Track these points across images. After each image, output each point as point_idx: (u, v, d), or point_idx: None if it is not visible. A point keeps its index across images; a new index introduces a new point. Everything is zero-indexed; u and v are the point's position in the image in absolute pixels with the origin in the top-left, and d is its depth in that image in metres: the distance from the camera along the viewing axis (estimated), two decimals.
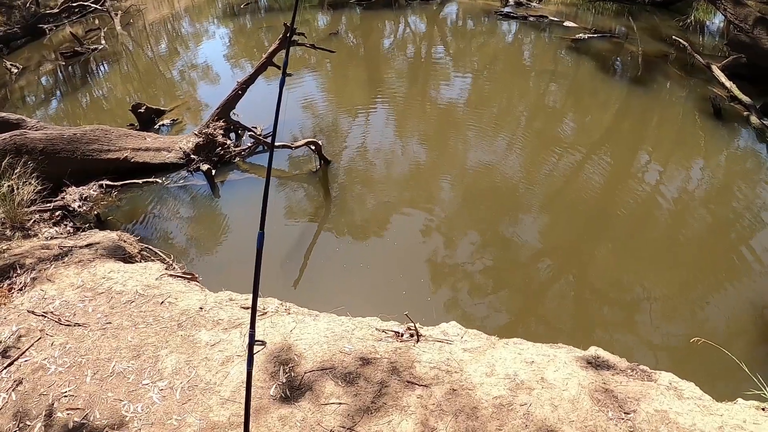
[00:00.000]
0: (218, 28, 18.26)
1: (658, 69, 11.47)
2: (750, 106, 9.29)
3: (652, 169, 8.24)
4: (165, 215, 7.38)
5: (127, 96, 12.23)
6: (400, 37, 15.18)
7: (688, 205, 7.41)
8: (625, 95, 10.58)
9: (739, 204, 7.45)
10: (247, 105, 9.04)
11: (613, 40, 13.19)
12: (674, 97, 10.36)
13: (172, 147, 8.33)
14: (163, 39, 17.88)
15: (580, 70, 11.77)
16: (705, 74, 10.60)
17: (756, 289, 5.91)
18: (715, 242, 6.70)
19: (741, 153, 8.80)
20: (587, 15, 15.63)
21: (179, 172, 8.09)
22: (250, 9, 18.87)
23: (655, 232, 6.86)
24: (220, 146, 8.27)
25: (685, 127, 9.42)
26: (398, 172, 8.13)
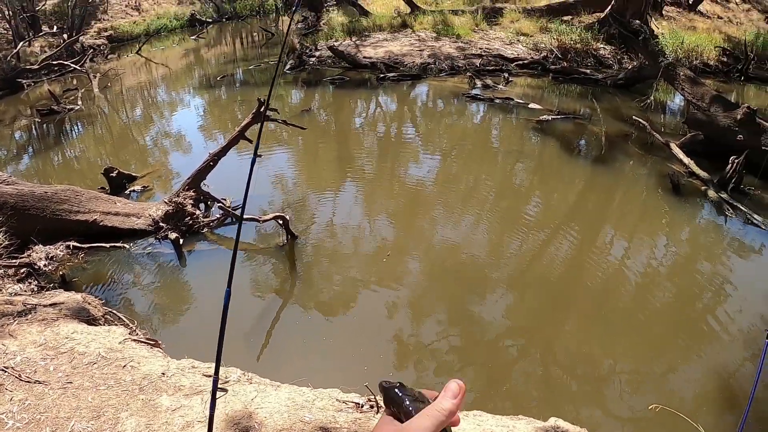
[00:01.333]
0: (193, 98, 18.52)
1: (620, 148, 11.83)
2: (708, 180, 9.64)
3: (617, 245, 8.45)
4: (130, 281, 7.38)
5: (99, 159, 12.31)
6: (371, 116, 15.51)
7: (652, 279, 7.59)
8: (589, 174, 10.87)
9: (702, 276, 7.67)
10: (218, 177, 9.13)
11: (577, 121, 13.58)
12: (636, 175, 10.68)
13: (141, 213, 8.38)
14: (139, 105, 18.07)
15: (546, 150, 12.09)
16: (664, 152, 10.97)
17: (721, 358, 6.09)
18: (681, 314, 6.87)
19: (701, 226, 9.11)
20: (552, 97, 16.10)
21: (147, 239, 8.11)
22: (225, 81, 19.15)
23: (622, 305, 7.01)
24: (189, 216, 8.32)
25: (647, 203, 9.72)
26: (365, 250, 8.23)
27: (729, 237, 8.68)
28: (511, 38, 20.75)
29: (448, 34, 20.62)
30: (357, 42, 20.46)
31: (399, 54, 18.96)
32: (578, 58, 19.21)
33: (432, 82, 17.36)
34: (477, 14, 22.43)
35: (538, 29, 21.13)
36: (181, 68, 23.76)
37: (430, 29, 21.25)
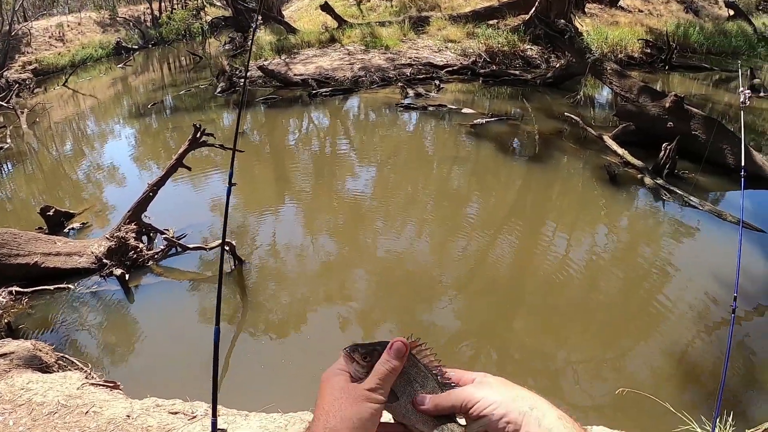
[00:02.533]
0: (124, 128, 18.11)
1: (554, 145, 12.03)
2: (642, 168, 9.87)
3: (560, 238, 8.55)
4: (79, 322, 7.10)
5: (33, 198, 11.94)
6: (305, 133, 15.42)
7: (599, 267, 7.72)
8: (526, 172, 11.01)
9: (646, 259, 7.84)
10: (158, 207, 8.97)
11: (510, 122, 13.78)
12: (572, 169, 10.87)
13: (83, 252, 8.12)
14: (69, 139, 17.62)
15: (481, 152, 12.20)
16: (598, 145, 11.20)
17: (673, 336, 6.21)
18: (630, 298, 7.00)
19: (641, 212, 9.34)
20: (483, 100, 16.32)
21: (91, 277, 7.83)
22: (155, 109, 18.85)
23: (571, 296, 7.09)
24: (132, 250, 8.07)
25: (586, 195, 9.89)
26: (311, 268, 8.13)
27: (668, 220, 8.91)
28: (440, 46, 20.99)
29: (377, 46, 20.72)
30: (287, 60, 20.41)
31: (329, 69, 18.96)
32: (506, 61, 19.57)
33: (364, 95, 17.41)
34: (404, 24, 22.60)
35: (466, 35, 21.42)
36: (110, 98, 23.36)
37: (358, 42, 21.32)
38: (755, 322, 6.48)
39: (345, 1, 29.86)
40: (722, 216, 8.33)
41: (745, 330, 6.30)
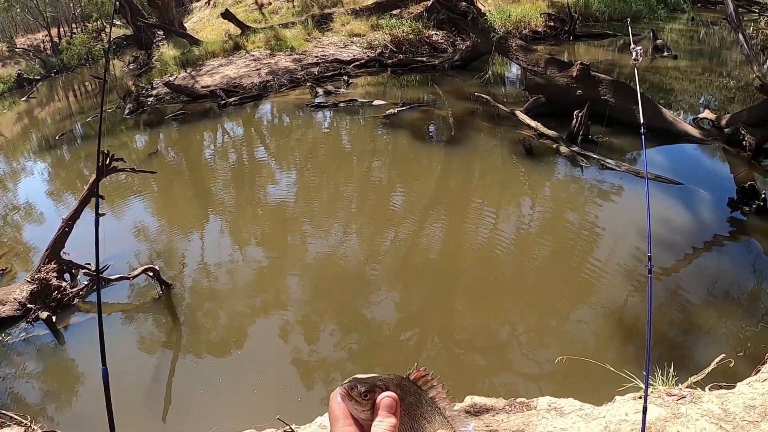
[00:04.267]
0: (36, 163, 17.55)
1: (469, 125, 12.14)
2: (557, 138, 10.09)
3: (486, 216, 8.65)
4: (12, 373, 6.81)
5: None
6: (219, 145, 15.20)
7: (527, 240, 7.84)
8: (444, 155, 11.10)
9: (572, 225, 8.04)
10: (77, 241, 8.66)
11: (423, 109, 13.88)
12: (489, 147, 11.01)
13: (5, 299, 7.76)
14: None
15: (398, 142, 12.23)
16: (512, 120, 11.37)
17: (609, 297, 6.38)
18: (561, 266, 7.14)
19: (561, 180, 9.56)
20: (394, 90, 16.40)
21: (19, 324, 7.50)
22: (65, 139, 18.27)
23: (505, 272, 7.19)
24: (56, 290, 7.79)
25: (506, 171, 10.04)
26: (243, 281, 8.01)
27: (588, 185, 9.13)
28: (345, 41, 20.96)
29: (282, 48, 20.54)
30: (192, 73, 20.07)
31: (236, 77, 18.72)
32: (413, 49, 19.65)
33: (274, 99, 17.25)
34: (308, 24, 22.49)
35: (370, 28, 21.43)
36: (17, 134, 22.63)
37: (263, 47, 21.10)
38: (683, 272, 6.68)
39: (246, 7, 29.59)
40: (639, 174, 8.54)
41: (675, 280, 6.50)
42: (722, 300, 6.23)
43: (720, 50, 19.67)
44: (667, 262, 6.79)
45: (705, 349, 5.40)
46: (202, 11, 33.48)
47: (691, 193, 8.43)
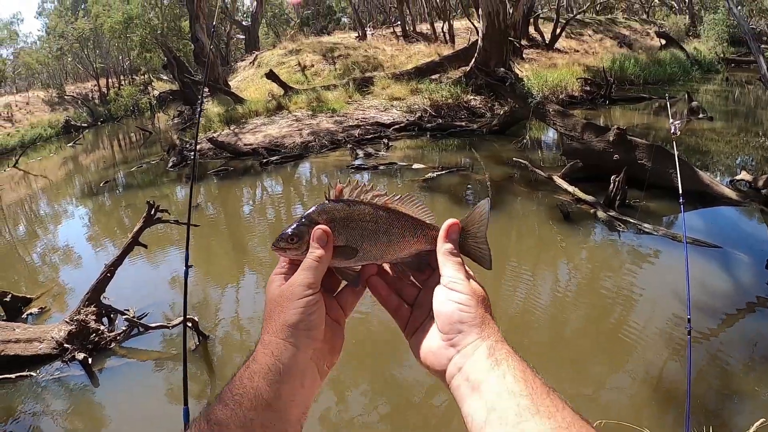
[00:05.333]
0: (77, 208, 17.94)
1: (506, 190, 12.17)
2: (594, 203, 10.07)
3: (522, 280, 8.58)
4: (43, 411, 6.85)
5: None
6: (259, 202, 15.39)
7: (563, 304, 7.77)
8: None
9: (608, 290, 7.93)
10: (117, 287, 8.79)
11: (461, 173, 13.94)
12: (526, 211, 11.01)
13: (43, 337, 7.86)
14: (22, 221, 17.48)
15: (435, 205, 12.23)
16: (549, 185, 11.38)
17: (646, 361, 6.28)
18: (598, 330, 7.05)
19: (598, 245, 9.50)
20: (433, 154, 16.49)
21: (54, 363, 7.57)
22: (108, 187, 18.73)
23: (540, 335, 7.11)
24: (93, 333, 7.86)
25: (543, 236, 10.01)
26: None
27: (625, 249, 9.07)
28: (385, 104, 21.27)
29: (324, 110, 20.91)
30: (236, 130, 20.49)
31: (279, 136, 19.04)
32: (452, 113, 19.91)
33: (315, 160, 17.48)
34: (349, 87, 22.94)
35: (410, 92, 21.77)
36: (62, 178, 23.22)
37: (305, 108, 21.50)
38: (722, 335, 6.61)
39: (290, 68, 30.23)
40: (677, 238, 8.50)
41: (714, 344, 6.41)
42: (763, 363, 6.13)
43: (755, 110, 19.71)
44: (706, 325, 6.70)
45: (745, 413, 5.30)
46: (246, 70, 34.31)
47: (729, 256, 8.35)
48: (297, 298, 1.06)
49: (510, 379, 0.94)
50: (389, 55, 30.91)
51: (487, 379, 0.96)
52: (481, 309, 1.10)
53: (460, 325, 1.06)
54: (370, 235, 1.17)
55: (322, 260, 1.11)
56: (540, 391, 0.92)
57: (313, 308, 1.07)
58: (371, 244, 1.17)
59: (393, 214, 1.20)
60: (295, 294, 1.07)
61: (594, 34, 35.45)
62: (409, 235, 1.20)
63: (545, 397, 0.92)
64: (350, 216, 1.16)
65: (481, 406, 0.94)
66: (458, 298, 1.09)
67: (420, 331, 1.17)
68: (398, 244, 1.19)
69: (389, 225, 1.19)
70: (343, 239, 1.15)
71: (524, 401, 0.90)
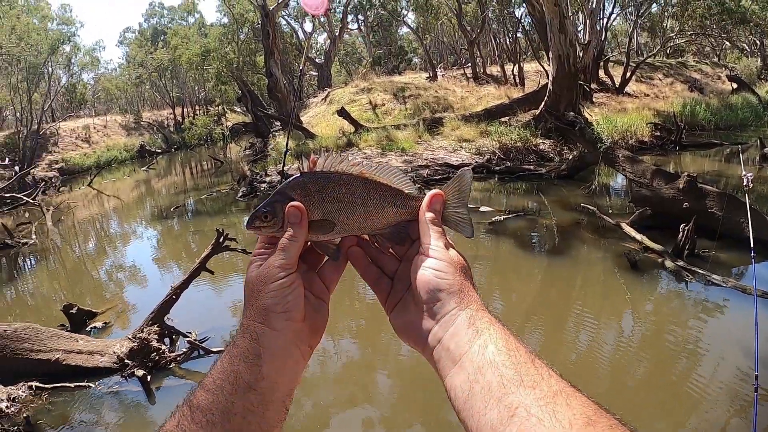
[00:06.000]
0: (146, 229, 18.56)
1: (573, 236, 12.04)
2: (663, 252, 9.81)
3: (585, 330, 8.41)
4: (98, 421, 7.04)
5: (54, 294, 12.12)
6: None
7: (626, 355, 7.57)
8: (546, 266, 10.97)
9: (673, 342, 7.69)
10: (180, 310, 8.95)
11: (528, 217, 13.79)
12: (592, 259, 10.83)
13: (105, 351, 8.09)
14: (92, 238, 18.09)
15: (501, 250, 12.19)
16: (616, 232, 11.17)
17: (710, 418, 6.08)
18: (660, 382, 6.82)
19: (664, 295, 9.24)
20: (500, 197, 16.46)
21: (112, 377, 7.77)
22: (178, 212, 19.22)
23: (600, 387, 6.94)
24: (155, 351, 8.03)
25: (608, 284, 9.79)
26: (333, 371, 8.03)
27: (693, 300, 8.82)
28: (454, 146, 21.31)
29: (394, 148, 21.05)
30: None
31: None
32: (520, 156, 19.81)
33: None
34: (419, 126, 23.03)
35: (479, 133, 21.76)
36: (133, 199, 23.96)
37: (375, 146, 21.68)
38: None
39: (361, 106, 30.61)
40: (747, 291, 8.24)
41: None
42: None
43: None
44: None
45: None
46: (318, 107, 34.85)
47: None
48: (272, 281, 1.06)
49: (492, 348, 0.93)
50: (459, 96, 31.09)
51: (469, 351, 0.95)
52: (459, 276, 1.07)
53: (438, 293, 1.05)
54: (346, 208, 1.14)
55: (295, 239, 1.09)
56: (524, 360, 0.90)
57: (288, 290, 1.06)
58: (348, 217, 1.15)
59: (370, 184, 1.17)
60: (270, 276, 1.06)
61: (664, 78, 35.02)
62: (387, 205, 1.18)
63: (529, 365, 0.90)
64: (325, 188, 1.14)
65: (464, 379, 0.93)
66: (435, 264, 1.08)
67: (400, 304, 1.17)
68: (376, 215, 1.17)
69: (366, 196, 1.16)
70: (318, 213, 1.13)
71: (508, 372, 0.88)
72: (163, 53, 50.14)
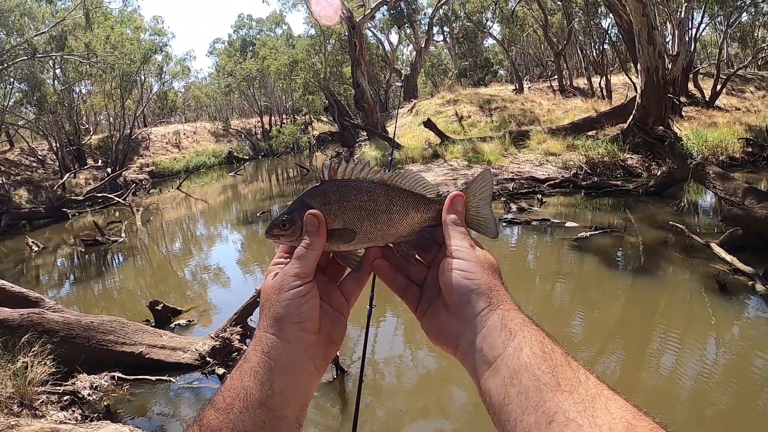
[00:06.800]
0: (231, 233, 19.16)
1: (659, 255, 11.77)
2: (753, 275, 9.45)
3: (668, 353, 8.21)
4: (175, 415, 7.24)
5: (139, 290, 12.62)
6: None
7: (709, 381, 7.34)
8: (630, 285, 10.73)
9: (760, 369, 7.43)
10: None
11: (614, 234, 13.53)
12: (679, 280, 10.56)
13: (188, 348, 8.34)
14: (179, 238, 18.82)
15: (584, 267, 12.03)
16: (705, 252, 10.83)
17: None
18: (744, 411, 6.62)
19: (752, 321, 8.89)
20: (586, 213, 16.21)
21: (193, 373, 7.98)
22: (263, 218, 19.59)
23: (679, 413, 6.78)
24: (236, 351, 8.27)
25: (694, 307, 9.52)
26: (408, 381, 8.05)
27: None
28: (540, 159, 21.13)
29: (479, 161, 21.01)
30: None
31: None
32: (607, 171, 19.50)
33: None
34: (505, 139, 22.95)
35: (566, 147, 21.49)
36: (220, 203, 24.62)
37: (461, 158, 21.66)
38: None
39: (447, 118, 30.65)
40: None
41: None
42: None
43: None
44: None
45: None
46: (404, 117, 35.01)
47: None
48: (286, 290, 1.04)
49: (527, 351, 0.91)
50: (546, 109, 30.81)
51: (503, 354, 0.93)
52: (487, 276, 1.05)
53: (467, 294, 1.03)
54: (368, 216, 1.12)
55: (312, 247, 1.07)
56: (560, 363, 0.89)
57: (302, 299, 1.04)
58: (371, 225, 1.12)
59: (392, 191, 1.14)
60: (285, 286, 1.04)
61: (756, 91, 33.84)
62: (411, 211, 1.15)
63: (566, 368, 0.88)
64: (346, 196, 1.12)
65: (499, 383, 0.91)
66: (461, 265, 1.06)
67: (431, 310, 1.12)
68: (400, 223, 1.14)
69: (389, 203, 1.13)
70: (339, 222, 1.11)
71: (544, 376, 0.87)
72: (251, 63, 51.40)
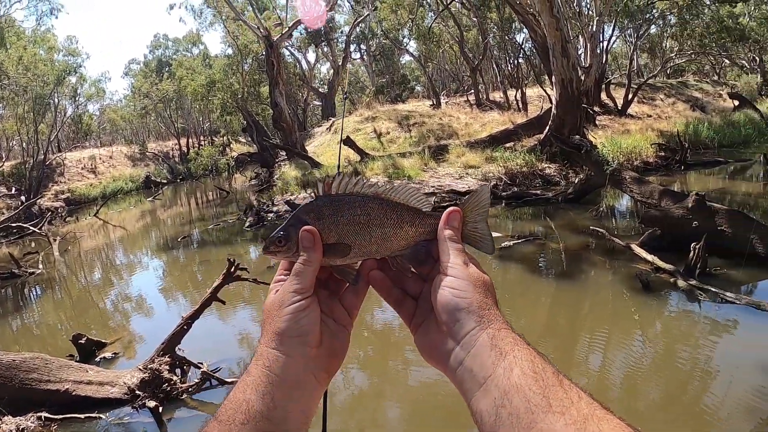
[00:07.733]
0: (152, 260, 18.67)
1: (582, 259, 12.00)
2: (674, 271, 9.73)
3: (597, 351, 8.34)
4: None
5: (60, 324, 12.11)
6: None
7: (637, 377, 7.48)
8: (555, 290, 10.89)
9: (685, 362, 7.61)
10: (191, 340, 8.89)
11: (536, 242, 13.74)
12: (602, 281, 10.78)
13: (115, 381, 8.00)
14: (98, 268, 18.18)
15: (508, 275, 12.12)
16: (626, 254, 11.09)
17: None
18: (673, 403, 6.76)
19: (675, 315, 9.16)
20: (508, 222, 16.42)
21: (123, 408, 7.64)
22: (184, 243, 19.32)
23: (614, 408, 6.81)
24: (166, 382, 7.92)
25: (618, 307, 9.73)
26: (341, 401, 7.88)
27: (705, 319, 8.71)
28: (460, 172, 21.36)
29: (400, 176, 21.05)
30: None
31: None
32: (526, 181, 19.92)
33: None
34: (424, 154, 23.10)
35: (484, 160, 21.85)
36: (139, 230, 24.19)
37: (382, 174, 21.70)
38: None
39: (365, 135, 30.80)
40: (761, 306, 8.19)
41: None
42: None
43: None
44: None
45: None
46: (323, 136, 35.14)
47: None
48: (287, 305, 1.06)
49: (518, 372, 0.90)
50: (463, 123, 31.27)
51: (494, 374, 0.92)
52: (479, 294, 1.05)
53: (457, 312, 1.02)
54: (363, 230, 1.12)
55: (309, 263, 1.08)
56: (552, 383, 0.89)
57: (302, 314, 1.05)
58: (365, 239, 1.13)
59: (386, 205, 1.14)
60: (285, 301, 1.06)
61: (666, 98, 35.46)
62: (405, 225, 1.15)
63: (558, 388, 0.88)
64: (339, 211, 1.12)
65: (489, 404, 0.90)
66: (453, 282, 1.05)
67: (424, 325, 1.12)
68: (395, 236, 1.14)
69: (383, 217, 1.13)
70: (334, 236, 1.12)
71: (535, 397, 0.86)
72: (168, 84, 50.77)
